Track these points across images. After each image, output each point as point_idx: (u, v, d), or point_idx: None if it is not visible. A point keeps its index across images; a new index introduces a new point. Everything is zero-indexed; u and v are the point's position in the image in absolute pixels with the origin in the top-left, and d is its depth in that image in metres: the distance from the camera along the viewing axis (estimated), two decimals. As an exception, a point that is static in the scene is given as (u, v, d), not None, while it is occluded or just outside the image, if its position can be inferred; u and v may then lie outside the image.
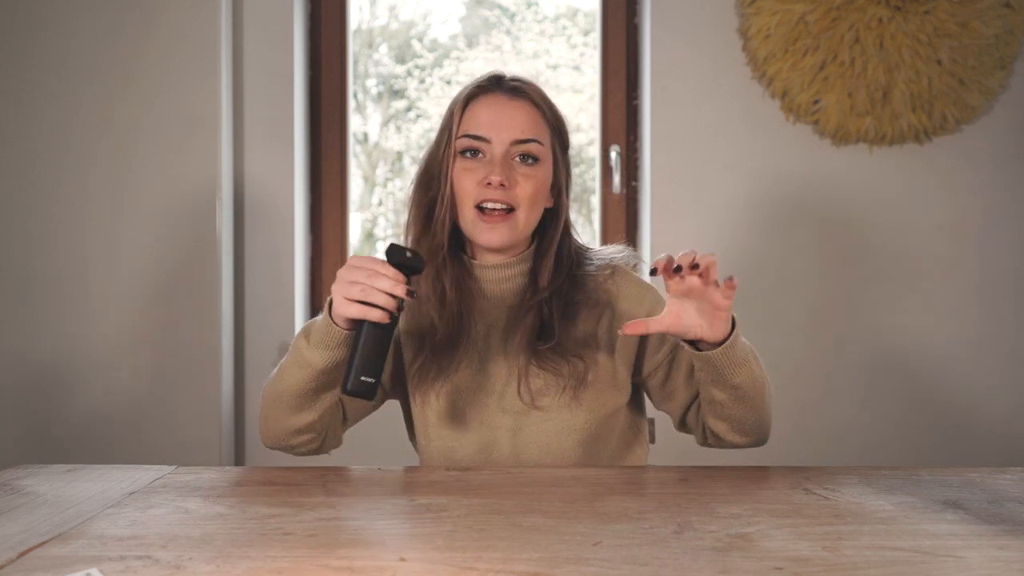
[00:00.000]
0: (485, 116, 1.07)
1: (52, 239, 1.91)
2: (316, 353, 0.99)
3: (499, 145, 1.06)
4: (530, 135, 1.07)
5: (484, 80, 1.10)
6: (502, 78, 1.10)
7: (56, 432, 1.91)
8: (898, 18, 1.86)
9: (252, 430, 1.99)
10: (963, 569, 0.68)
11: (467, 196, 1.07)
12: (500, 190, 1.04)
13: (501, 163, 1.05)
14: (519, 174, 1.06)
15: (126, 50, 1.90)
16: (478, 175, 1.06)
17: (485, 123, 1.07)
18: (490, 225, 1.06)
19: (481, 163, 1.07)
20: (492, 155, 1.06)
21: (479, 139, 1.06)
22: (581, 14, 2.56)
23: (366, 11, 2.61)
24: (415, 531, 0.79)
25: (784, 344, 1.96)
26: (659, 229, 1.95)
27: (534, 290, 1.10)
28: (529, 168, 1.07)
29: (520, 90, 1.09)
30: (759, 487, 0.95)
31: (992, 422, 1.95)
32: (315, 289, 2.10)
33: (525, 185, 1.06)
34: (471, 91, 1.09)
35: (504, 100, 1.08)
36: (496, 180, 1.04)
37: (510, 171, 1.06)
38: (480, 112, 1.07)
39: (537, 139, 1.07)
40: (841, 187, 1.95)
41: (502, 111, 1.07)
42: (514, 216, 1.06)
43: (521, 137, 1.06)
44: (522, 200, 1.06)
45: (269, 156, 1.98)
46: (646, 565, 0.69)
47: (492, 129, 1.06)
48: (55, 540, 0.77)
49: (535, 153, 1.07)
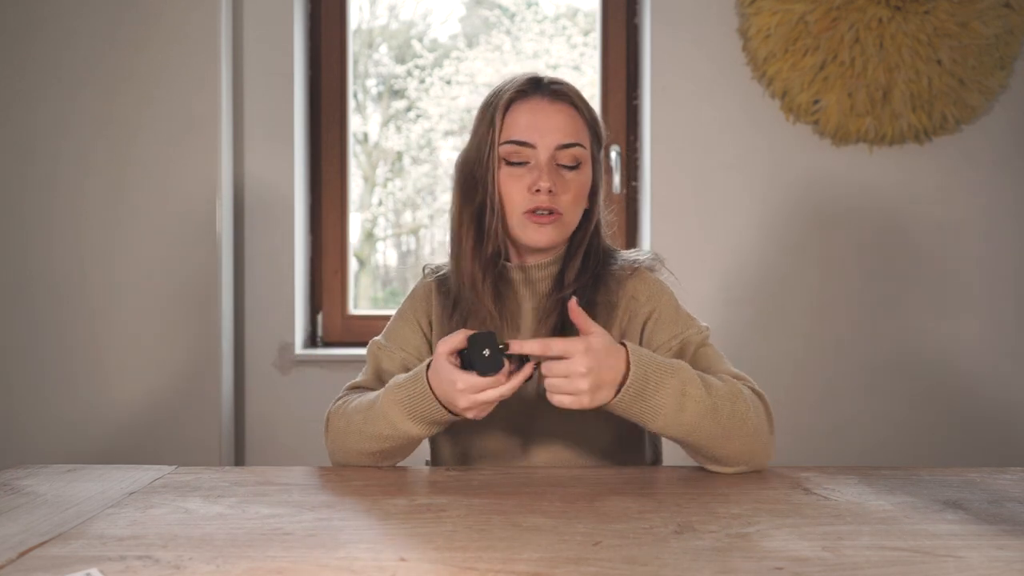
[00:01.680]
0: (528, 121, 1.06)
1: (52, 239, 1.91)
2: (417, 427, 0.98)
3: (544, 150, 1.05)
4: (574, 139, 1.06)
5: (524, 83, 1.08)
6: (541, 81, 1.09)
7: (56, 432, 1.91)
8: (898, 18, 1.86)
9: (252, 430, 1.99)
10: (963, 569, 0.68)
11: (515, 205, 1.06)
12: (549, 196, 1.04)
13: (548, 169, 1.05)
14: (563, 179, 1.06)
15: (125, 50, 1.90)
16: (525, 181, 1.05)
17: (529, 128, 1.05)
18: (539, 225, 1.06)
19: (527, 169, 1.06)
20: (537, 161, 1.05)
21: (524, 145, 1.05)
22: (581, 14, 2.56)
23: (366, 11, 2.61)
24: (415, 531, 0.79)
25: (784, 344, 1.96)
26: (659, 229, 1.95)
27: (560, 289, 1.10)
28: (573, 172, 1.07)
29: (562, 93, 1.08)
30: (759, 487, 0.95)
31: (992, 422, 1.95)
32: (315, 289, 2.10)
33: (568, 190, 1.06)
34: (512, 95, 1.07)
35: (546, 104, 1.07)
36: (545, 187, 1.03)
37: (556, 177, 1.05)
38: (522, 117, 1.06)
39: (580, 143, 1.07)
40: (841, 187, 1.95)
41: (545, 115, 1.06)
42: (561, 218, 1.06)
43: (565, 141, 1.06)
44: (567, 205, 1.06)
45: (269, 156, 1.98)
46: (646, 565, 0.69)
47: (536, 134, 1.05)
48: (55, 540, 0.77)
49: (578, 157, 1.07)
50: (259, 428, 1.98)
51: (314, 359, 1.98)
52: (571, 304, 0.92)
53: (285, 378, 1.98)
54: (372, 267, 2.76)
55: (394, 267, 2.81)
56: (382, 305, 2.66)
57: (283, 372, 1.98)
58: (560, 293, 1.09)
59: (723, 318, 1.95)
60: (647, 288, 1.12)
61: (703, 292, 1.94)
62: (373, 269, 2.77)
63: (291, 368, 1.98)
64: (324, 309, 2.10)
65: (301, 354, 1.98)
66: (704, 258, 1.95)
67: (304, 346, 2.05)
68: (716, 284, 1.95)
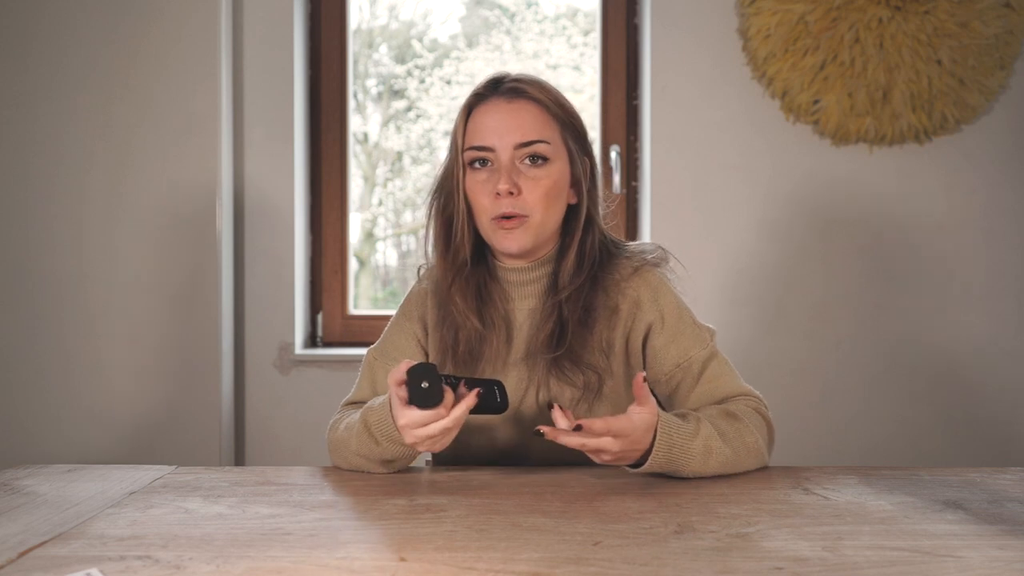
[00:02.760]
0: (486, 123, 1.04)
1: (52, 239, 1.91)
2: (393, 450, 0.98)
3: (504, 151, 1.03)
4: (533, 136, 1.03)
5: (481, 87, 1.07)
6: (500, 81, 1.07)
7: (56, 432, 1.91)
8: (898, 18, 1.86)
9: (252, 430, 1.99)
10: (963, 569, 0.68)
11: (483, 210, 1.05)
12: (510, 199, 1.02)
13: (507, 170, 1.03)
14: (528, 178, 1.03)
15: (125, 50, 1.90)
16: (489, 186, 1.04)
17: (487, 131, 1.04)
18: (507, 231, 1.04)
19: (490, 172, 1.04)
20: (499, 163, 1.04)
21: (484, 149, 1.04)
22: (581, 14, 2.56)
23: (366, 11, 2.61)
24: (415, 531, 0.79)
25: (784, 344, 1.96)
26: (659, 229, 1.95)
27: (555, 292, 1.07)
28: (539, 169, 1.04)
29: (518, 90, 1.05)
30: (759, 487, 0.95)
31: (993, 422, 1.95)
32: (315, 289, 2.10)
33: (535, 188, 1.03)
34: (470, 100, 1.07)
35: (503, 104, 1.05)
36: (504, 188, 1.02)
37: (517, 177, 1.03)
38: (481, 120, 1.05)
39: (542, 139, 1.04)
40: (841, 187, 1.95)
41: (502, 116, 1.04)
42: (528, 221, 1.04)
43: (524, 140, 1.03)
44: (533, 205, 1.03)
45: (269, 156, 1.98)
46: (646, 565, 0.69)
47: (494, 136, 1.03)
48: (55, 540, 0.77)
49: (543, 153, 1.04)
50: (259, 428, 1.98)
51: (314, 359, 1.98)
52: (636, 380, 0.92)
53: (285, 378, 1.98)
54: (372, 267, 2.76)
55: (394, 267, 2.81)
56: (382, 305, 2.66)
57: (283, 372, 1.98)
58: (555, 298, 1.07)
59: (723, 318, 1.95)
60: (650, 292, 1.08)
61: (703, 292, 1.94)
62: (373, 269, 2.77)
63: (291, 368, 1.98)
64: (324, 309, 2.10)
65: (301, 354, 1.98)
66: (704, 258, 1.95)
67: (304, 346, 2.05)
68: (716, 284, 1.95)
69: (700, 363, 1.06)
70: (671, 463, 0.94)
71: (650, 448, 0.93)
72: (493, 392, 0.96)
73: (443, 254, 1.09)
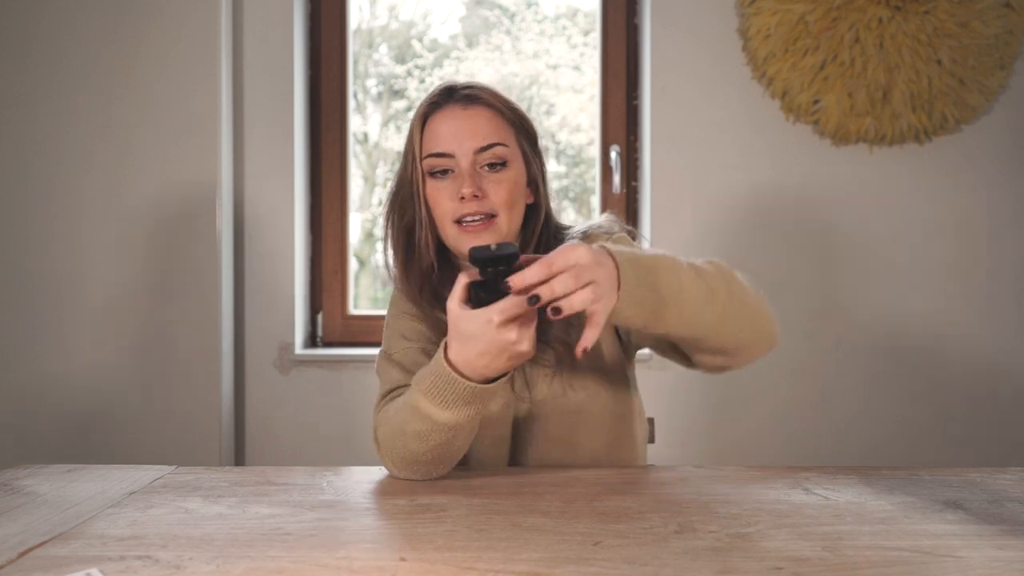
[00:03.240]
0: (444, 131, 1.06)
1: (51, 239, 1.91)
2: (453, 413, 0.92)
3: (464, 157, 1.04)
4: (492, 139, 1.05)
5: (436, 95, 1.08)
6: (453, 89, 1.09)
7: (56, 432, 1.91)
8: (898, 18, 1.86)
9: (252, 430, 1.99)
10: (963, 569, 0.68)
11: (445, 215, 1.06)
12: (475, 202, 1.03)
13: (470, 175, 1.04)
14: (490, 182, 1.05)
15: (125, 50, 1.90)
16: (450, 191, 1.05)
17: (445, 138, 1.05)
18: (474, 234, 1.04)
19: (451, 179, 1.06)
20: (460, 169, 1.05)
21: (443, 156, 1.05)
22: (581, 14, 2.55)
23: (366, 11, 2.61)
24: (415, 531, 0.79)
25: (784, 344, 1.94)
26: (659, 229, 1.95)
27: None
28: (499, 173, 1.06)
29: (473, 97, 1.07)
30: (759, 487, 0.95)
31: (993, 422, 1.95)
32: (315, 289, 2.10)
33: (499, 191, 1.05)
34: (425, 108, 1.08)
35: (459, 111, 1.06)
36: (469, 192, 1.03)
37: (480, 181, 1.04)
38: (438, 128, 1.06)
39: (500, 142, 1.06)
40: (841, 187, 1.95)
41: (460, 123, 1.05)
42: (496, 221, 1.05)
43: (483, 144, 1.05)
44: (499, 205, 1.05)
45: (269, 156, 1.98)
46: (646, 565, 0.69)
47: (454, 142, 1.05)
48: (55, 540, 0.77)
49: (502, 156, 1.06)
50: (259, 428, 1.98)
51: (314, 359, 1.98)
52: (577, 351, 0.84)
53: (285, 378, 1.98)
54: (372, 267, 2.76)
55: (394, 267, 2.80)
56: (382, 305, 2.66)
57: (283, 372, 1.98)
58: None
59: (723, 318, 1.95)
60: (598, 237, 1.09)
61: (703, 292, 1.94)
62: (373, 269, 2.77)
63: (291, 368, 1.98)
64: (324, 309, 2.10)
65: (301, 354, 1.98)
66: (703, 258, 1.94)
67: (304, 346, 2.05)
68: (716, 284, 1.95)
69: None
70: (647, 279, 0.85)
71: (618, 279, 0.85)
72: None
73: (404, 264, 1.11)
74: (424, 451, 0.95)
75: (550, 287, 0.80)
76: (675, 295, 0.88)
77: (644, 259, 0.87)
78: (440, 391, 0.91)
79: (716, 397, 1.96)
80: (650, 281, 0.86)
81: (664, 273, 0.88)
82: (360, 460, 1.89)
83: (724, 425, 1.96)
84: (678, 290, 0.88)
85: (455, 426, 0.92)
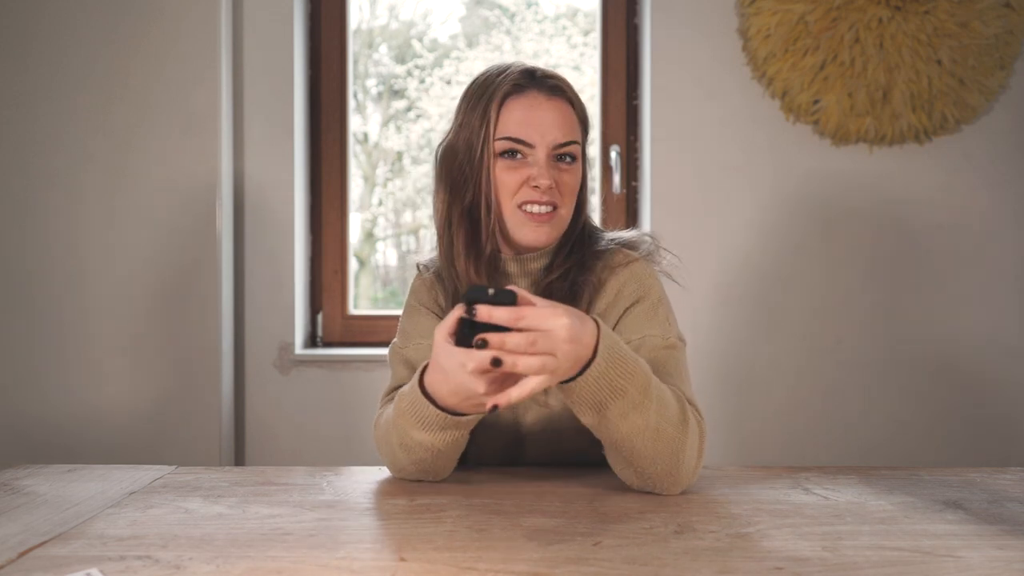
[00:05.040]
0: (525, 117, 1.03)
1: (51, 239, 1.91)
2: (429, 435, 0.92)
3: (542, 149, 1.03)
4: (571, 136, 1.05)
5: (519, 76, 1.05)
6: (536, 73, 1.06)
7: (56, 432, 1.91)
8: (898, 18, 1.86)
9: (252, 430, 1.99)
10: (963, 569, 0.68)
11: (509, 195, 1.03)
12: (548, 192, 1.03)
13: (547, 166, 1.03)
14: (561, 174, 1.04)
15: (125, 50, 1.90)
16: (520, 175, 1.03)
17: (526, 125, 1.03)
18: (536, 224, 1.03)
19: (522, 164, 1.03)
20: (536, 158, 1.03)
21: (521, 143, 1.03)
22: (581, 14, 2.55)
23: (366, 11, 2.61)
24: (415, 531, 0.79)
25: (784, 344, 1.96)
26: (659, 229, 1.95)
27: (547, 276, 1.08)
28: (568, 166, 1.05)
29: (558, 88, 1.06)
30: (759, 487, 0.95)
31: (993, 422, 1.95)
32: (315, 289, 2.10)
33: (567, 185, 1.05)
34: (508, 88, 1.04)
35: (543, 100, 1.04)
36: (545, 184, 1.01)
37: (556, 173, 1.04)
38: (518, 112, 1.03)
39: (576, 140, 1.06)
40: (841, 187, 1.95)
41: (542, 112, 1.03)
42: (557, 214, 1.05)
43: (564, 140, 1.04)
44: (565, 198, 1.05)
45: (269, 156, 1.98)
46: (646, 565, 0.69)
47: (535, 132, 1.02)
48: (55, 540, 0.77)
49: (574, 153, 1.06)
50: (259, 428, 1.98)
51: (314, 359, 1.98)
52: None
53: (285, 378, 1.98)
54: (372, 267, 2.76)
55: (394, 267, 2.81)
56: (382, 305, 2.66)
57: (283, 372, 1.98)
58: (546, 280, 1.07)
59: (723, 318, 1.95)
60: (636, 283, 1.08)
61: (703, 292, 1.94)
62: (373, 269, 2.77)
63: (291, 368, 1.98)
64: (324, 309, 2.10)
65: (301, 354, 1.98)
66: (704, 258, 1.95)
67: (304, 346, 2.05)
68: (716, 284, 1.95)
69: (654, 348, 1.02)
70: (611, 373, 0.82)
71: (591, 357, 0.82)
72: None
73: (468, 245, 1.05)
74: (410, 462, 0.96)
75: (501, 339, 0.76)
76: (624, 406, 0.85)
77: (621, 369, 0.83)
78: (416, 413, 0.91)
79: (716, 397, 1.96)
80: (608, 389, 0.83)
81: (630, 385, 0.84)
82: (360, 460, 1.90)
83: (724, 425, 1.96)
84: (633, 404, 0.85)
85: (432, 447, 0.93)
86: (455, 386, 0.83)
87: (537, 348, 0.76)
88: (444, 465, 0.97)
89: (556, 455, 1.08)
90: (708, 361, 1.94)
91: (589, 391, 0.83)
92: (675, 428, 0.89)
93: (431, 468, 0.97)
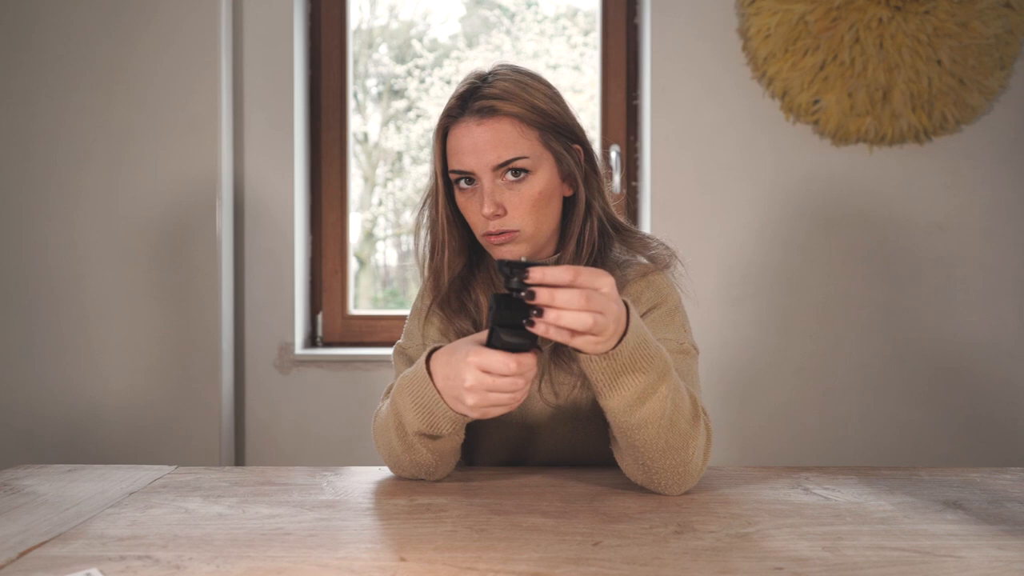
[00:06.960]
0: (461, 147, 1.02)
1: (50, 239, 1.91)
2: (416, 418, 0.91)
3: (483, 173, 1.01)
4: (510, 155, 1.00)
5: (453, 106, 1.04)
6: (468, 98, 1.02)
7: (56, 432, 1.91)
8: (898, 18, 1.86)
9: (252, 430, 1.99)
10: (963, 569, 0.68)
11: (474, 226, 1.05)
12: (496, 220, 1.02)
13: (489, 192, 1.01)
14: (512, 193, 1.02)
15: (125, 50, 1.90)
16: (477, 204, 1.03)
17: (464, 155, 1.02)
18: (498, 245, 1.03)
19: (476, 190, 1.04)
20: (480, 184, 1.02)
21: (463, 173, 1.03)
22: (581, 14, 2.56)
23: (366, 11, 2.61)
24: (415, 531, 0.79)
25: (785, 344, 1.96)
26: (659, 229, 1.95)
27: None
28: (522, 183, 1.02)
29: (489, 109, 1.00)
30: (759, 487, 0.95)
31: (993, 422, 1.95)
32: (315, 289, 2.10)
33: (520, 203, 1.02)
34: (443, 122, 1.05)
35: (473, 126, 1.01)
36: (489, 212, 1.00)
37: (501, 196, 1.01)
38: (456, 144, 1.03)
39: (519, 155, 1.01)
40: (841, 187, 1.95)
41: (474, 139, 1.01)
42: (517, 233, 1.02)
43: (500, 161, 1.00)
44: (522, 218, 1.02)
45: (269, 156, 1.98)
46: (646, 565, 0.69)
47: (472, 160, 1.01)
48: (55, 540, 0.76)
49: (523, 167, 1.01)
50: (259, 428, 1.98)
51: (314, 359, 1.98)
52: None
53: (285, 378, 1.98)
54: (372, 267, 2.76)
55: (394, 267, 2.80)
56: (382, 305, 2.66)
57: (283, 372, 1.98)
58: None
59: (723, 318, 1.95)
60: (654, 291, 1.08)
61: (703, 292, 1.94)
62: (373, 269, 2.77)
63: (291, 368, 1.98)
64: (324, 309, 2.10)
65: (301, 354, 1.98)
66: (704, 258, 1.95)
67: (304, 346, 2.05)
68: (716, 284, 1.95)
69: (668, 351, 1.00)
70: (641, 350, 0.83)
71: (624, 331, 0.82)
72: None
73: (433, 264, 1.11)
74: (403, 450, 0.95)
75: (551, 294, 0.76)
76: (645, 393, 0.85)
77: (649, 348, 0.85)
78: (413, 386, 0.90)
79: (717, 398, 1.96)
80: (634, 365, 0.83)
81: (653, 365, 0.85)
82: (360, 460, 1.90)
83: (724, 425, 1.96)
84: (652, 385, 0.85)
85: (418, 430, 0.91)
86: (451, 369, 0.85)
87: (591, 305, 0.76)
88: (437, 462, 0.96)
89: (563, 453, 1.08)
90: (708, 361, 1.94)
91: (623, 361, 0.82)
92: (687, 423, 0.90)
93: (423, 462, 0.95)
